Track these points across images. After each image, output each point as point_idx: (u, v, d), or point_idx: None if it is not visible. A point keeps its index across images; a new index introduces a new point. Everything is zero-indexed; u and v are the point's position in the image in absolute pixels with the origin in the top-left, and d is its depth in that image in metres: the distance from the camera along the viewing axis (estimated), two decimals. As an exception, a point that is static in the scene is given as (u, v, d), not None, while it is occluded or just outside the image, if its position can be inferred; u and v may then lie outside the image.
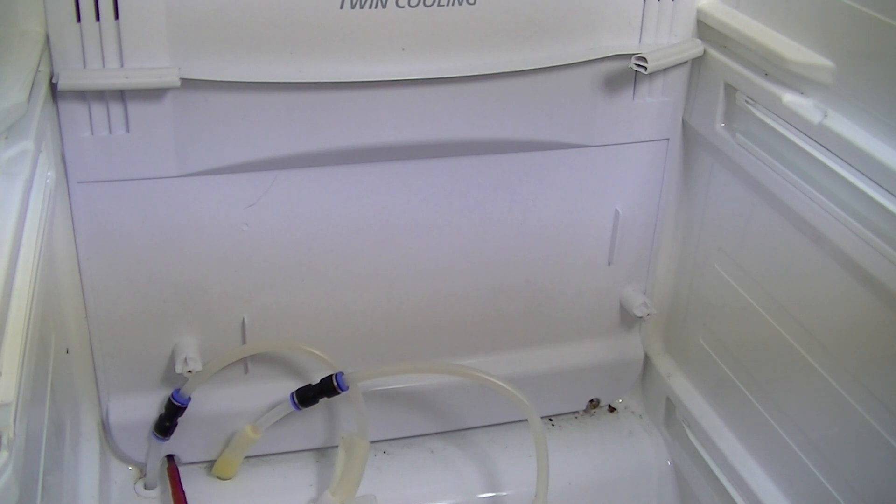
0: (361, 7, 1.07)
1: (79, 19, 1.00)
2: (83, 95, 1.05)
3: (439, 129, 1.17)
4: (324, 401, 1.30)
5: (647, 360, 1.44)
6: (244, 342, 1.25)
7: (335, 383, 1.22)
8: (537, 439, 1.20)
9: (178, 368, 1.19)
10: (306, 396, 1.25)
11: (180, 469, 1.29)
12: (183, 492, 1.25)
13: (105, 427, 1.26)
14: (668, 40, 1.20)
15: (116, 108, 1.06)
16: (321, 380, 1.24)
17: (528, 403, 1.21)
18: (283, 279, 1.23)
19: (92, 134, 1.07)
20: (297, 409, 1.26)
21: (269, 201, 1.17)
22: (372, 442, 1.27)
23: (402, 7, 1.08)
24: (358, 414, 1.24)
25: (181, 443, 1.28)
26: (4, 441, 0.66)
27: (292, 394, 1.25)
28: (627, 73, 1.20)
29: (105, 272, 1.16)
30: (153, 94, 1.06)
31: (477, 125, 1.18)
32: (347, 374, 1.22)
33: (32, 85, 0.92)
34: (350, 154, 1.16)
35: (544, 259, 1.32)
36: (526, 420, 1.39)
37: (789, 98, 1.08)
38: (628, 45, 1.18)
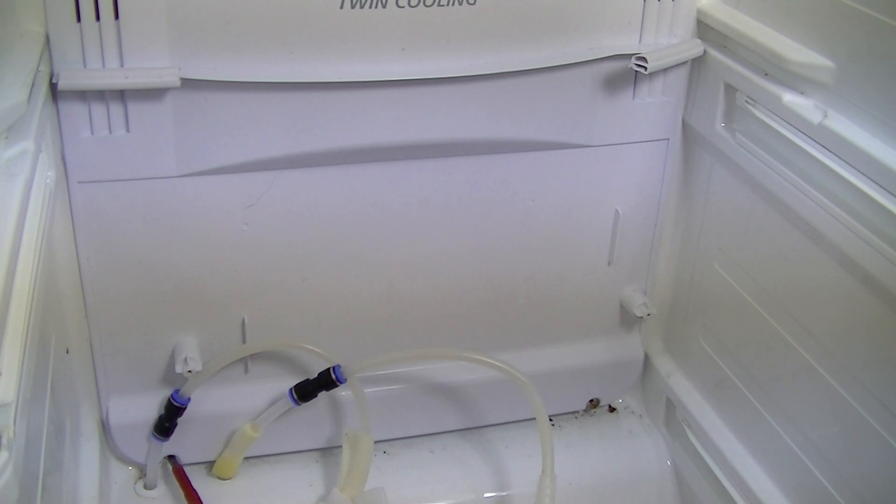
0: (361, 7, 1.07)
1: (79, 19, 1.00)
2: (83, 95, 1.05)
3: (439, 128, 1.17)
4: (324, 401, 1.31)
5: (647, 359, 1.44)
6: (244, 342, 1.25)
7: (333, 375, 1.22)
8: (537, 411, 1.20)
9: (178, 368, 1.19)
10: (305, 391, 1.25)
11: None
12: (195, 491, 1.25)
13: (105, 427, 1.26)
14: (668, 40, 1.20)
15: (116, 108, 1.06)
16: (319, 373, 1.24)
17: (525, 379, 1.21)
18: (284, 279, 1.23)
19: (92, 134, 1.07)
20: (297, 404, 1.26)
21: (269, 201, 1.17)
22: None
23: (402, 7, 1.08)
24: (360, 406, 1.24)
25: (181, 443, 1.28)
26: (4, 441, 0.66)
27: (291, 389, 1.25)
28: (627, 73, 1.20)
29: (105, 272, 1.16)
30: (153, 94, 1.06)
31: (477, 125, 1.18)
32: (345, 365, 1.22)
33: (32, 85, 0.92)
34: (350, 154, 1.16)
35: (544, 259, 1.32)
36: (525, 420, 1.40)
37: (789, 98, 1.08)
38: (628, 45, 1.18)
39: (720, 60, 1.19)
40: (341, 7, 1.06)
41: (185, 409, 1.23)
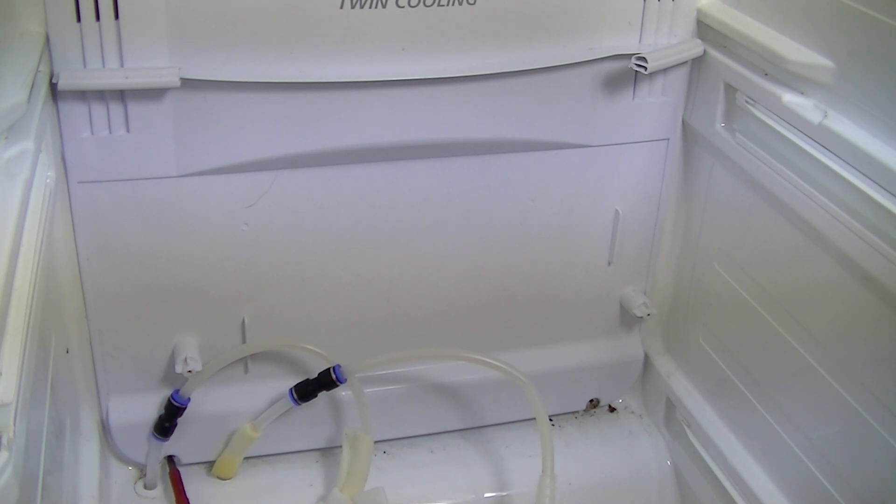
0: (361, 7, 1.07)
1: (79, 19, 1.00)
2: (83, 95, 1.05)
3: (439, 129, 1.17)
4: (324, 401, 1.31)
5: (647, 360, 1.44)
6: (244, 342, 1.25)
7: (333, 375, 1.22)
8: (537, 411, 1.21)
9: (178, 368, 1.19)
10: (305, 391, 1.25)
11: (180, 469, 1.29)
12: (186, 498, 1.25)
13: (105, 427, 1.26)
14: (668, 40, 1.20)
15: (116, 108, 1.06)
16: (319, 373, 1.24)
17: (525, 379, 1.21)
18: (284, 279, 1.23)
19: (92, 134, 1.07)
20: (297, 404, 1.26)
21: (269, 201, 1.17)
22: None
23: (402, 7, 1.08)
24: (360, 406, 1.24)
25: (181, 443, 1.28)
26: (4, 441, 0.66)
27: (291, 389, 1.25)
28: (627, 73, 1.20)
29: (105, 272, 1.16)
30: (153, 94, 1.06)
31: (477, 125, 1.18)
32: (345, 365, 1.22)
33: (32, 85, 0.92)
34: (350, 154, 1.16)
35: (544, 259, 1.32)
36: (525, 420, 1.39)
37: (789, 98, 1.08)
38: (628, 45, 1.18)
39: (720, 60, 1.19)
40: (341, 7, 1.06)
41: (185, 409, 1.23)
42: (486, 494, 1.35)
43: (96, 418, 1.26)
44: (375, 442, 1.26)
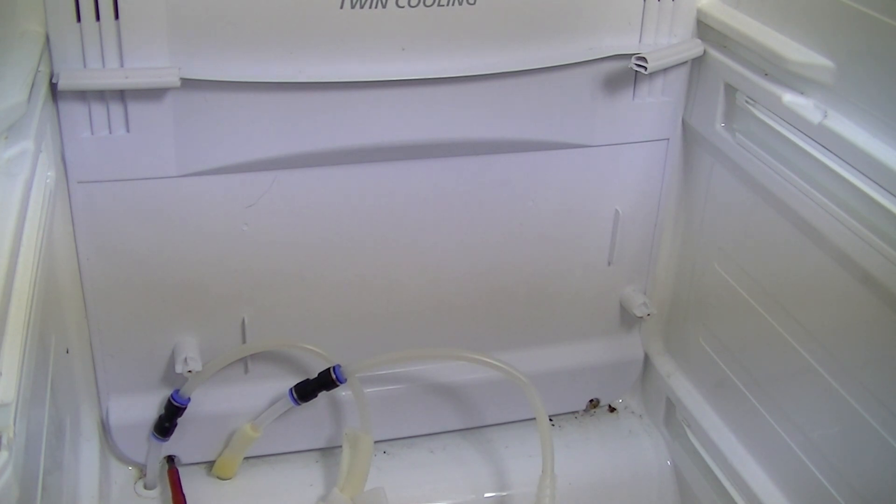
0: (361, 7, 1.07)
1: (79, 19, 1.00)
2: (83, 95, 1.05)
3: (439, 129, 1.17)
4: (324, 401, 1.31)
5: (647, 360, 1.44)
6: (244, 342, 1.25)
7: (333, 375, 1.22)
8: (537, 411, 1.21)
9: (178, 368, 1.19)
10: (305, 391, 1.25)
11: (180, 469, 1.29)
12: (183, 496, 1.25)
13: (105, 427, 1.26)
14: (668, 40, 1.20)
15: (116, 108, 1.06)
16: (319, 373, 1.24)
17: (525, 379, 1.21)
18: (284, 279, 1.23)
19: (92, 134, 1.07)
20: (297, 404, 1.26)
21: (269, 201, 1.17)
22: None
23: (402, 7, 1.08)
24: (360, 406, 1.24)
25: (181, 443, 1.28)
26: (4, 441, 0.66)
27: (291, 389, 1.25)
28: (627, 73, 1.20)
29: (105, 272, 1.16)
30: (153, 94, 1.06)
31: (477, 125, 1.18)
32: (345, 365, 1.22)
33: (32, 85, 0.92)
34: (350, 154, 1.16)
35: (544, 259, 1.32)
36: (526, 420, 1.39)
37: (789, 98, 1.08)
38: (628, 45, 1.18)
39: (720, 60, 1.19)
40: (341, 7, 1.06)
41: (185, 409, 1.23)
42: (486, 494, 1.35)
43: (96, 418, 1.26)
44: (375, 442, 1.26)
